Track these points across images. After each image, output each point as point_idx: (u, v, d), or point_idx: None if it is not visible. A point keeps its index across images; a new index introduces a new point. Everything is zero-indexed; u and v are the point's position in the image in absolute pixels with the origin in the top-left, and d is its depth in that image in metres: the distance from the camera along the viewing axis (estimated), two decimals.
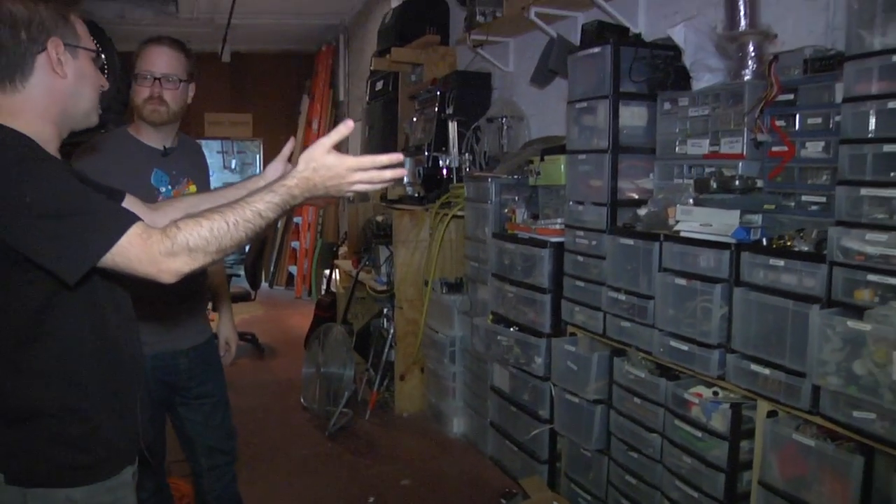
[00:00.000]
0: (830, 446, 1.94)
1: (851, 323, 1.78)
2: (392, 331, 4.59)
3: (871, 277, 1.78)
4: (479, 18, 4.06)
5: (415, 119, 5.05)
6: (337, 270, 5.99)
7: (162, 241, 1.26)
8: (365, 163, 1.36)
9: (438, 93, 4.62)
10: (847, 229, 1.84)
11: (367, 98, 6.23)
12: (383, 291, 4.66)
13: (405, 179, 5.00)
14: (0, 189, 1.25)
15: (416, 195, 4.71)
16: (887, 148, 1.74)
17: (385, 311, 4.83)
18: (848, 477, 1.88)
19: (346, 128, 1.37)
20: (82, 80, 1.44)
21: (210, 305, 2.66)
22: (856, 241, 1.82)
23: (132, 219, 1.28)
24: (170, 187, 2.25)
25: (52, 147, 1.42)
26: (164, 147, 2.27)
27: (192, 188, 2.28)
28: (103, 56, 1.52)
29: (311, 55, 9.29)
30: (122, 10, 7.61)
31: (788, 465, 2.06)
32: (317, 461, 3.87)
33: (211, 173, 7.89)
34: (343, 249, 6.37)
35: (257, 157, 9.92)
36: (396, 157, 1.38)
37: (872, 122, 1.78)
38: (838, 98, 1.98)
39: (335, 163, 1.34)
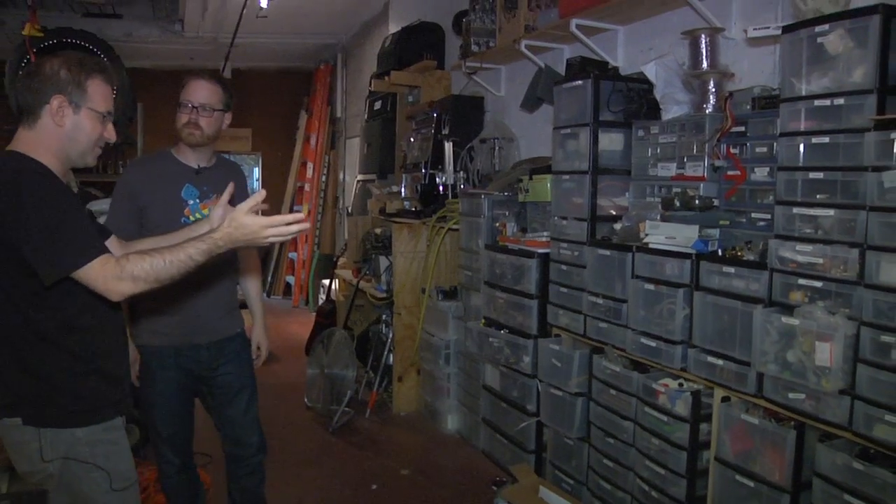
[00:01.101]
0: (771, 424, 2.30)
1: (785, 319, 2.15)
2: (391, 335, 4.93)
3: (802, 281, 2.16)
4: (475, 48, 4.44)
5: (412, 138, 5.42)
6: (337, 280, 6.32)
7: (114, 269, 1.67)
8: (275, 221, 1.74)
9: (435, 114, 4.99)
10: (783, 242, 2.21)
11: (366, 116, 6.59)
12: (383, 299, 5.00)
13: (402, 193, 5.37)
14: (16, 198, 1.67)
15: (414, 209, 5.07)
16: (813, 175, 2.11)
17: (384, 317, 5.17)
18: (784, 448, 2.24)
19: (259, 196, 1.76)
20: (78, 131, 1.85)
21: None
22: (789, 252, 2.19)
23: (101, 250, 1.71)
24: (198, 200, 2.60)
25: (59, 174, 1.82)
26: (198, 166, 2.63)
27: None
28: (111, 112, 1.91)
29: (309, 73, 9.66)
30: (130, 28, 7.97)
31: (738, 442, 2.42)
32: (322, 454, 4.20)
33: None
34: (343, 260, 6.69)
35: (254, 169, 10.24)
36: (299, 216, 1.78)
37: (802, 153, 2.16)
38: (780, 131, 2.35)
39: (251, 222, 1.72)
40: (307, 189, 9.00)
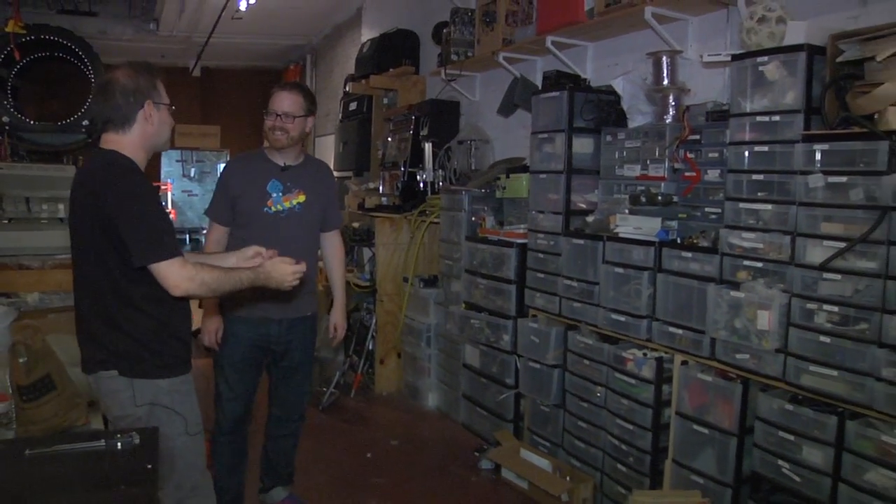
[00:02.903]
0: (722, 381, 2.80)
1: (733, 293, 2.65)
2: (374, 321, 5.33)
3: (746, 263, 2.65)
4: (454, 57, 4.87)
5: (389, 138, 5.82)
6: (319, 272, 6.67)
7: (189, 271, 2.05)
8: (297, 269, 2.22)
9: (414, 117, 5.40)
10: (731, 231, 2.70)
11: (341, 117, 6.96)
12: (366, 287, 5.40)
13: (380, 190, 5.77)
14: (124, 186, 2.05)
15: (393, 205, 5.48)
16: (755, 177, 2.60)
17: (366, 304, 5.57)
18: (733, 400, 2.74)
19: (300, 267, 2.25)
20: (163, 125, 2.24)
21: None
22: (736, 239, 2.68)
23: (180, 252, 2.09)
24: (280, 194, 3.00)
25: (142, 165, 2.21)
26: (284, 164, 3.04)
27: (301, 197, 3.02)
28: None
29: (278, 71, 9.96)
30: (104, 26, 8.18)
31: (695, 398, 2.91)
32: (316, 429, 4.58)
33: (171, 180, 8.78)
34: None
35: (221, 165, 10.48)
36: (302, 266, 2.24)
37: (747, 158, 2.65)
38: (728, 140, 2.84)
39: (285, 269, 2.22)
40: None
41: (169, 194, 8.66)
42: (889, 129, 2.20)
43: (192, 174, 12.44)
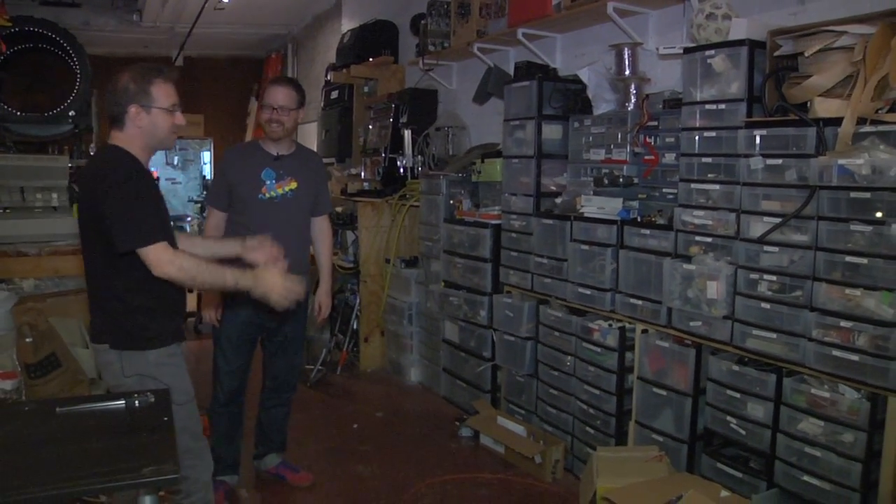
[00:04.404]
0: (678, 346, 3.07)
1: (686, 266, 2.91)
2: (358, 301, 5.57)
3: (697, 238, 2.91)
4: (431, 48, 5.09)
5: (370, 126, 6.03)
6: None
7: (169, 255, 2.22)
8: (292, 289, 2.38)
9: (394, 105, 5.62)
10: (684, 209, 2.96)
11: (323, 105, 7.15)
12: (350, 269, 5.63)
13: (362, 175, 5.99)
14: (112, 178, 2.25)
15: (374, 189, 5.71)
16: (704, 160, 2.86)
17: (350, 285, 5.81)
18: (687, 363, 3.01)
19: (302, 288, 2.45)
20: (154, 127, 2.38)
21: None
22: (689, 217, 2.94)
23: (161, 238, 2.24)
24: (274, 181, 3.23)
25: (144, 161, 2.41)
26: (277, 153, 3.26)
27: (294, 184, 3.25)
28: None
29: (260, 60, 10.11)
30: (87, 17, 8.27)
31: (654, 363, 3.18)
32: (305, 403, 4.81)
33: (155, 169, 8.97)
34: None
35: (205, 154, 10.64)
36: (302, 289, 2.40)
37: (697, 143, 2.90)
38: (681, 126, 3.09)
39: (278, 281, 2.36)
40: None
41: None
42: (817, 116, 2.46)
43: (175, 162, 12.57)
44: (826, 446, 2.47)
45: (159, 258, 2.21)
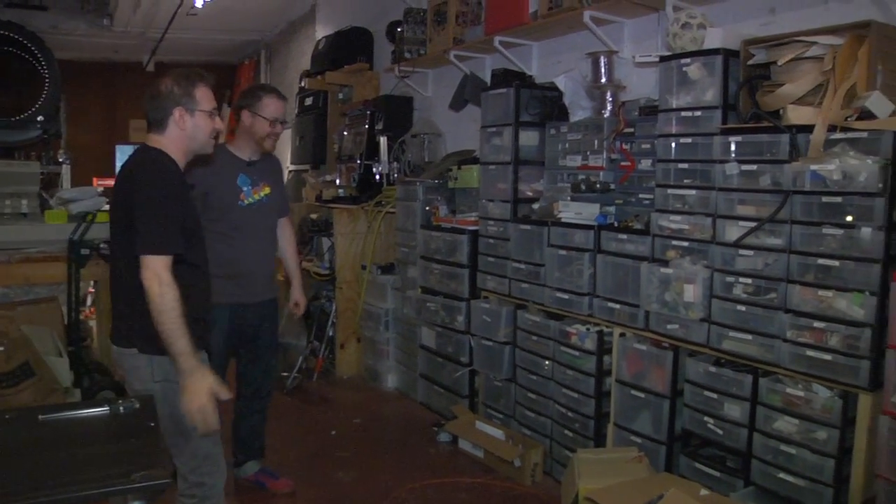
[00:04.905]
0: (655, 349, 3.12)
1: (663, 270, 2.96)
2: (334, 308, 5.55)
3: (674, 242, 2.97)
4: (407, 55, 5.11)
5: (345, 132, 6.04)
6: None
7: (166, 276, 2.17)
8: (207, 416, 2.18)
9: (369, 112, 5.63)
10: (661, 214, 3.02)
11: (297, 112, 7.14)
12: (326, 276, 5.62)
13: (337, 182, 5.99)
14: (146, 179, 2.24)
15: (350, 196, 5.71)
16: (681, 165, 2.92)
17: (325, 292, 5.79)
18: (665, 366, 3.06)
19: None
20: (196, 130, 2.39)
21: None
22: (666, 221, 3.00)
23: (171, 251, 2.22)
24: (250, 187, 3.22)
25: (181, 163, 2.40)
26: (249, 159, 3.26)
27: (267, 189, 3.24)
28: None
29: (232, 67, 10.06)
30: (56, 21, 8.16)
31: (632, 365, 3.23)
32: (282, 410, 4.79)
33: None
34: None
35: None
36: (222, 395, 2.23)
37: (674, 149, 2.96)
38: (658, 132, 3.14)
39: (195, 397, 2.15)
40: None
41: None
42: (789, 123, 2.53)
43: None
44: (800, 444, 2.53)
45: (156, 270, 2.18)
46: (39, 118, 7.47)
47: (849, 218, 2.39)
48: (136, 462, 1.58)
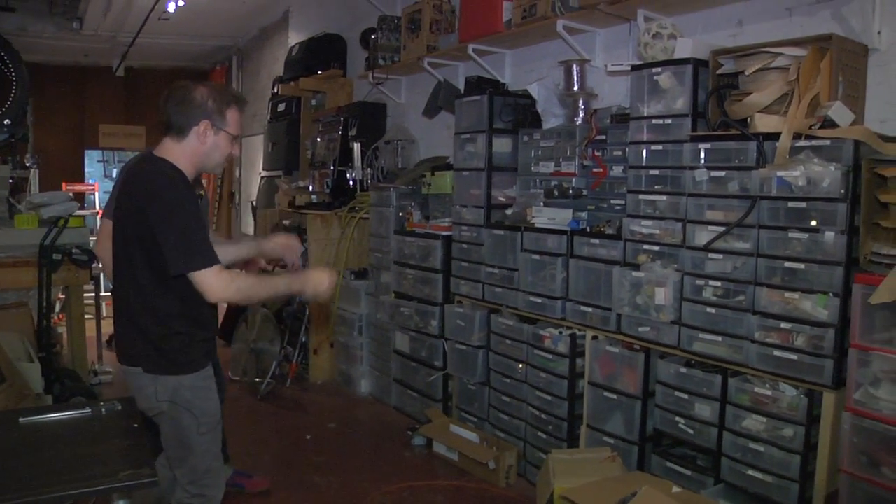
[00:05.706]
0: (627, 352, 3.18)
1: (634, 274, 3.03)
2: (307, 313, 5.55)
3: (645, 247, 3.04)
4: (381, 62, 5.15)
5: (318, 138, 6.05)
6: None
7: (225, 278, 2.19)
8: (333, 281, 2.44)
9: (342, 118, 5.66)
10: (632, 219, 3.09)
11: (270, 118, 7.14)
12: None
13: (310, 188, 6.00)
14: (167, 197, 2.20)
15: (323, 202, 5.72)
16: (651, 172, 3.00)
17: (298, 298, 5.78)
18: (637, 368, 3.13)
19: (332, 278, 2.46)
20: (215, 149, 2.36)
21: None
22: (637, 226, 3.07)
23: (217, 260, 2.20)
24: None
25: (190, 177, 2.35)
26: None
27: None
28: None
29: (204, 73, 10.00)
30: (24, 23, 8.04)
31: (605, 367, 3.29)
32: (257, 415, 4.80)
33: (92, 181, 8.93)
34: None
35: None
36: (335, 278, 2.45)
37: (645, 156, 3.04)
38: (629, 140, 3.22)
39: (326, 279, 2.41)
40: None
41: (95, 195, 8.60)
42: (757, 131, 2.62)
43: (113, 175, 12.32)
44: (768, 441, 2.61)
45: (217, 282, 2.16)
46: (6, 121, 7.34)
47: (813, 222, 2.48)
48: (122, 461, 1.59)
